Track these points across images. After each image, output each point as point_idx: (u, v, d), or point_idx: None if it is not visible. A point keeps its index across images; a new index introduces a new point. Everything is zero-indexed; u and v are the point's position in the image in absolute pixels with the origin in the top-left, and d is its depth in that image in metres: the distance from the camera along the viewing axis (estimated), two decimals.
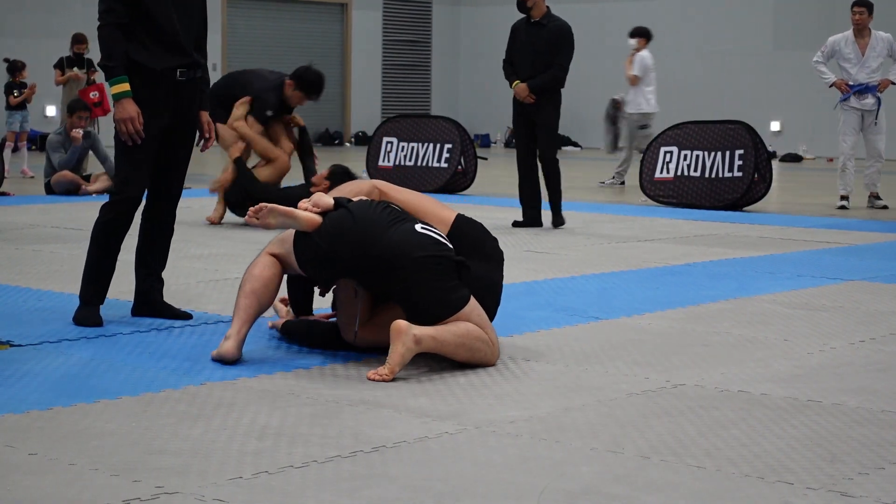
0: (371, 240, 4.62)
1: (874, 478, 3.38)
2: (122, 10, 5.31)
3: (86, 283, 5.48)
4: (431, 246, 4.65)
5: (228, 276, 6.92)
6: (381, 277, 4.65)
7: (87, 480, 3.24)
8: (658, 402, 4.21)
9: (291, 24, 26.26)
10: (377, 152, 14.25)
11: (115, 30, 5.31)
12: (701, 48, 25.17)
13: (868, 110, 12.10)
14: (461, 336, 4.59)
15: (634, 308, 6.12)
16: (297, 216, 4.75)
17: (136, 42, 5.34)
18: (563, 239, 9.22)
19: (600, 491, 3.23)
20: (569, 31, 9.96)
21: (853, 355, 5.06)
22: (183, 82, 5.44)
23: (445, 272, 4.64)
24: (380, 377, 4.45)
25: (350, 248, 4.64)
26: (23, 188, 13.42)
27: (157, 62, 5.36)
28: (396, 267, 4.59)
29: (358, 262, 4.64)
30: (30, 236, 8.83)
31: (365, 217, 4.69)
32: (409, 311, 4.64)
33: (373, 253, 4.61)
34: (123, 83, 5.29)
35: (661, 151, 12.75)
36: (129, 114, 5.28)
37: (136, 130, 5.30)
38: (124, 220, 5.46)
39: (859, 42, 12.18)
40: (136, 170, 5.41)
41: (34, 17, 22.20)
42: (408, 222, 4.73)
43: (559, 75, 9.85)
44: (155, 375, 4.48)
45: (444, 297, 4.62)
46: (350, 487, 3.23)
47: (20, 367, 4.57)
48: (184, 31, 5.42)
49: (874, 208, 12.32)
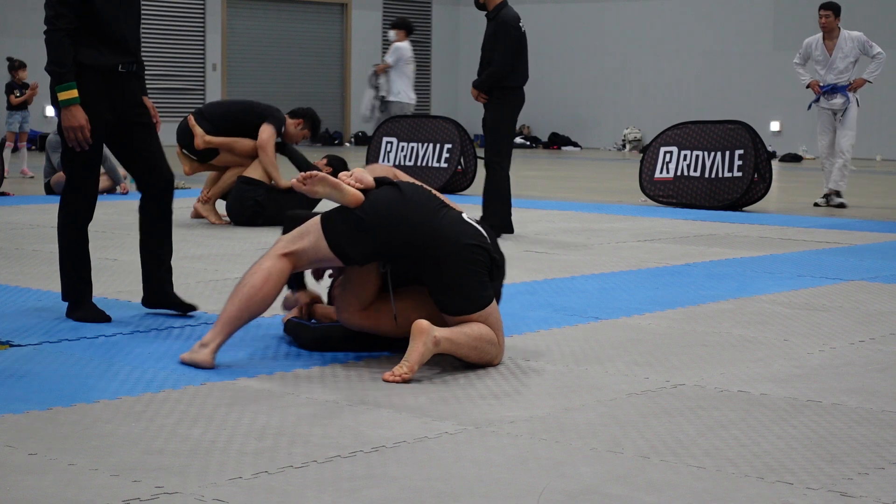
0: (421, 220, 4.61)
1: (874, 478, 3.38)
2: (71, 16, 5.34)
3: (67, 283, 5.54)
4: (475, 236, 4.68)
5: (228, 276, 6.92)
6: (422, 258, 4.63)
7: (86, 480, 3.24)
8: (658, 402, 4.21)
9: (291, 24, 26.26)
10: (377, 152, 14.25)
11: (64, 36, 5.33)
12: (701, 48, 25.16)
13: (837, 109, 12.29)
14: (475, 339, 4.60)
15: (634, 308, 6.12)
16: (343, 189, 4.70)
17: (83, 44, 5.38)
18: (563, 239, 9.22)
19: (600, 491, 3.23)
20: (506, 22, 9.22)
21: (853, 355, 5.06)
22: (124, 74, 5.51)
23: (482, 266, 4.67)
24: (398, 377, 4.42)
25: (397, 225, 4.61)
26: (23, 188, 13.43)
27: (105, 61, 5.42)
28: (442, 250, 4.59)
29: (402, 239, 4.62)
30: (30, 236, 8.83)
31: (414, 199, 4.68)
32: (437, 295, 4.65)
33: (421, 233, 4.60)
34: (72, 90, 5.33)
35: (661, 151, 12.75)
36: (78, 122, 5.32)
37: (84, 138, 5.35)
38: (84, 216, 5.54)
39: (827, 44, 12.47)
40: (86, 170, 5.50)
41: (34, 17, 22.18)
42: (454, 210, 4.75)
43: (495, 70, 9.16)
44: (155, 375, 4.48)
45: (473, 293, 4.63)
46: (350, 487, 3.23)
47: (20, 367, 4.57)
48: (129, 30, 5.51)
49: (830, 206, 12.40)
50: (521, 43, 9.25)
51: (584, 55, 26.40)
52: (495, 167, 9.22)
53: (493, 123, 9.24)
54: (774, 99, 24.14)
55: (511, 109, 9.24)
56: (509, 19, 9.23)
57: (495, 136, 9.25)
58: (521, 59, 9.26)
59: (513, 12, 9.33)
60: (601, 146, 26.61)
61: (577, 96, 26.43)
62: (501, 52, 9.15)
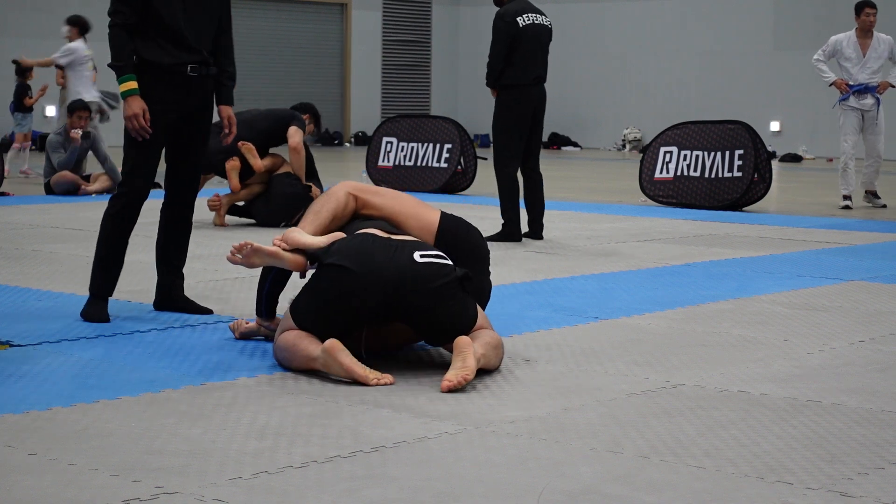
0: (377, 283, 4.42)
1: (874, 478, 3.38)
2: (128, 11, 5.44)
3: (94, 275, 5.57)
4: (440, 272, 4.51)
5: (228, 276, 6.92)
6: (395, 315, 4.53)
7: (86, 480, 3.24)
8: (657, 402, 4.21)
9: (291, 24, 26.26)
10: (377, 152, 14.26)
11: (121, 30, 5.44)
12: (701, 48, 25.17)
13: (867, 110, 12.16)
14: (495, 347, 4.58)
15: (634, 308, 6.12)
16: (281, 256, 4.61)
17: (147, 40, 5.47)
18: (563, 239, 9.22)
19: (600, 491, 3.23)
20: (500, 17, 8.97)
21: (853, 355, 5.06)
22: (194, 78, 5.56)
23: (456, 291, 4.55)
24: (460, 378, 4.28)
25: (358, 301, 4.45)
26: (23, 188, 13.43)
27: (167, 58, 5.48)
28: (412, 302, 4.46)
29: (371, 310, 4.48)
30: (30, 236, 8.83)
31: (361, 264, 4.45)
32: (430, 337, 4.60)
33: (383, 295, 4.43)
34: (130, 81, 5.42)
35: (661, 151, 12.75)
36: (133, 111, 5.40)
37: (142, 126, 5.41)
38: (131, 213, 5.56)
39: (862, 42, 12.24)
40: (144, 161, 5.52)
41: (34, 17, 22.20)
42: (404, 251, 4.52)
43: (488, 67, 9.03)
44: (155, 375, 4.48)
45: (461, 320, 4.55)
46: (350, 487, 3.23)
47: (20, 367, 4.57)
48: (193, 30, 5.53)
49: (874, 207, 12.34)
50: (516, 39, 8.93)
51: (584, 55, 26.39)
52: (496, 166, 9.12)
53: (493, 122, 9.14)
54: (774, 99, 24.14)
55: (511, 109, 9.01)
56: (504, 13, 9.00)
57: (495, 135, 9.14)
58: (519, 56, 8.96)
59: (515, 7, 9.04)
60: (601, 146, 26.61)
61: (577, 96, 26.42)
62: (491, 50, 9.00)
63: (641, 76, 25.95)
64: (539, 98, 9.14)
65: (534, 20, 9.08)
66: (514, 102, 9.00)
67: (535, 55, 9.07)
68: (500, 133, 9.10)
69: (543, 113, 9.23)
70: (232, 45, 5.80)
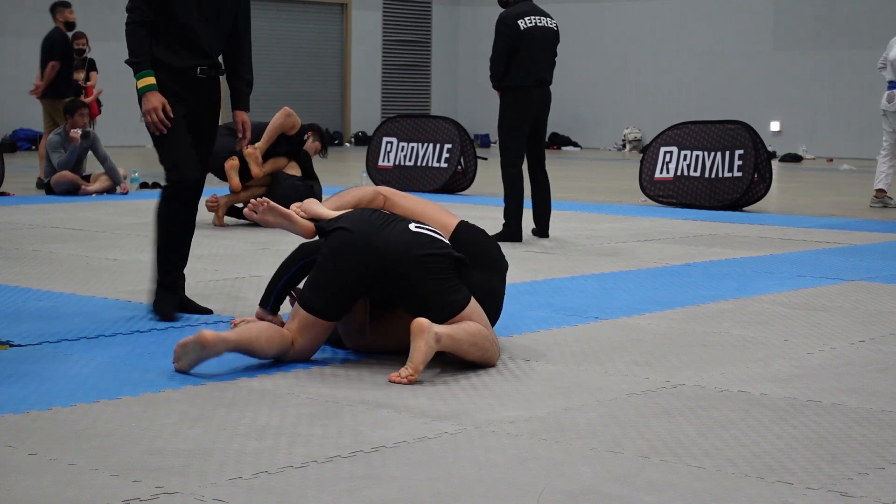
0: (365, 247, 4.58)
1: (874, 478, 3.38)
2: (146, 9, 5.49)
3: (155, 265, 5.64)
4: (429, 244, 4.65)
5: (228, 276, 6.92)
6: (386, 282, 4.62)
7: (86, 480, 3.24)
8: (657, 402, 4.21)
9: (291, 24, 26.26)
10: (377, 152, 14.25)
11: (138, 27, 5.49)
12: (701, 48, 25.17)
13: None
14: (474, 335, 4.60)
15: (634, 308, 6.12)
16: (294, 219, 4.81)
17: (162, 42, 5.52)
18: (564, 239, 9.22)
19: (600, 491, 3.23)
20: (501, 20, 8.99)
21: (853, 355, 5.06)
22: (203, 80, 5.60)
23: (446, 270, 4.63)
24: (405, 378, 4.41)
25: (355, 260, 4.58)
26: (23, 188, 13.42)
27: (177, 62, 5.53)
28: (399, 268, 4.57)
29: (365, 271, 4.59)
30: (30, 236, 8.83)
31: (357, 227, 4.64)
32: (413, 312, 4.64)
33: (374, 256, 4.58)
34: (149, 77, 5.47)
35: (661, 151, 12.75)
36: (152, 104, 5.45)
37: (161, 118, 5.45)
38: (183, 206, 5.60)
39: None
40: (180, 151, 5.56)
41: (34, 17, 22.19)
42: (400, 223, 4.71)
43: (490, 70, 9.10)
44: (155, 375, 4.48)
45: (446, 298, 4.61)
46: (350, 487, 3.23)
47: (20, 367, 4.57)
48: (206, 32, 5.57)
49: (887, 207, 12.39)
50: (517, 41, 8.93)
51: (584, 55, 26.39)
52: (501, 165, 9.16)
53: (498, 122, 9.20)
54: (774, 99, 24.14)
55: (513, 109, 9.00)
56: (506, 16, 9.01)
57: (499, 136, 9.21)
58: (519, 58, 8.96)
59: (518, 9, 9.04)
60: (601, 146, 26.61)
61: (577, 96, 26.41)
62: (493, 50, 9.02)
63: (641, 76, 25.94)
64: (542, 100, 9.12)
65: (536, 23, 9.06)
66: (515, 103, 9.01)
67: (536, 58, 9.05)
68: (504, 133, 9.14)
69: (547, 115, 9.24)
70: (250, 52, 5.80)
